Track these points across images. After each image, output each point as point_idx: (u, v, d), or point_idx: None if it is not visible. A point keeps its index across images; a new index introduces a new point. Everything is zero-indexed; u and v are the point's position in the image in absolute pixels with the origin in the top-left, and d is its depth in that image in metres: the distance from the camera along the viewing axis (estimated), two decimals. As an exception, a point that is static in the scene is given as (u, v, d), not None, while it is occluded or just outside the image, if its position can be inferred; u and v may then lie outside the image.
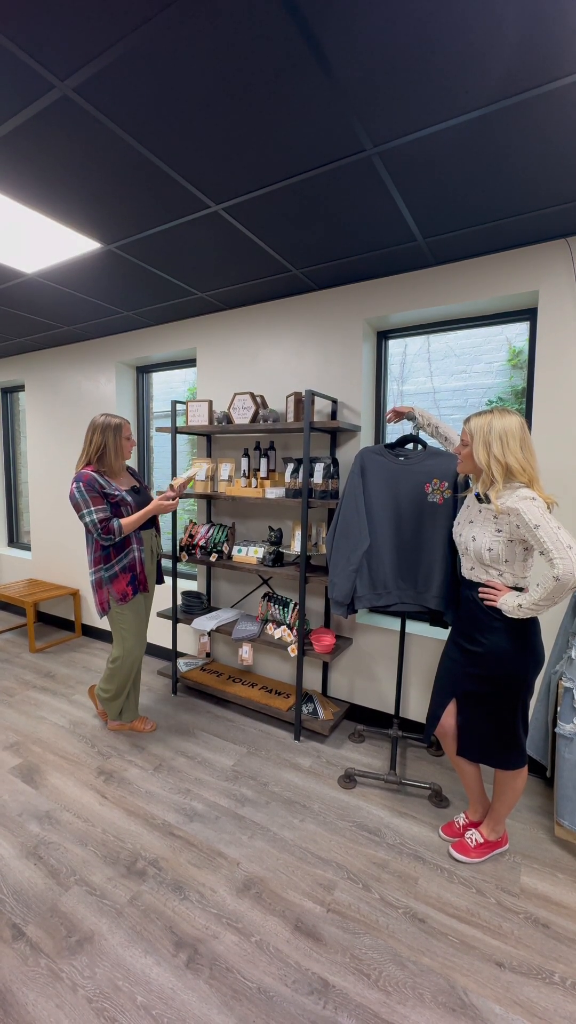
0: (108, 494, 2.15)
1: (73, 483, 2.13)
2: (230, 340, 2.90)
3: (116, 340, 3.44)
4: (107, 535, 2.12)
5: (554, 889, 1.60)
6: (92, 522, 2.10)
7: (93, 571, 2.24)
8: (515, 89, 1.20)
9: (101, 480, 2.14)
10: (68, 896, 1.55)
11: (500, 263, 2.09)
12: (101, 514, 2.11)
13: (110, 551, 2.21)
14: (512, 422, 1.47)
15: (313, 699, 2.60)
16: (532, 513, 1.37)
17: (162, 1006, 1.25)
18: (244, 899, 1.55)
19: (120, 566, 2.22)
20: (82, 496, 2.09)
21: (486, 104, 1.25)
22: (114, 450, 2.19)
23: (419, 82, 1.18)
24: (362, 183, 1.60)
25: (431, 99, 1.24)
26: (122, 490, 2.21)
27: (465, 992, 1.29)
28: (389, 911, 1.52)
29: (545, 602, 1.38)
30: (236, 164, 1.52)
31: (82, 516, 2.11)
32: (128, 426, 2.24)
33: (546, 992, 1.29)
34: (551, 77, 1.17)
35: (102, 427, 2.17)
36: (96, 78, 1.19)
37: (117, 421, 2.20)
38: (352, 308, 2.46)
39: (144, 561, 2.30)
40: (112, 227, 1.92)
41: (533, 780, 2.13)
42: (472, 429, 1.53)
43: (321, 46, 1.09)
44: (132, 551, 2.25)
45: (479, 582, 1.58)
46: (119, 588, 2.23)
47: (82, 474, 2.12)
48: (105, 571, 2.22)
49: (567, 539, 1.33)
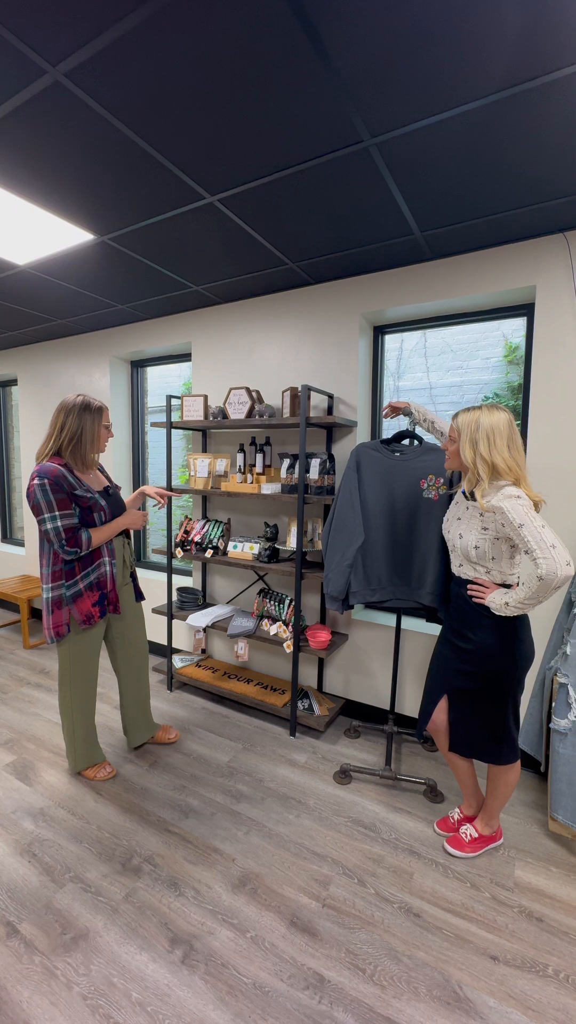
0: (78, 496, 1.77)
1: (34, 478, 1.71)
2: (226, 334, 2.87)
3: (110, 334, 3.41)
4: (72, 548, 1.76)
5: (548, 883, 1.61)
6: (55, 530, 1.72)
7: (51, 587, 1.82)
8: (514, 80, 1.19)
9: (71, 478, 1.77)
10: (63, 893, 1.54)
11: (497, 257, 2.08)
12: (67, 521, 1.74)
13: (74, 564, 1.83)
14: (500, 419, 1.46)
15: (309, 695, 2.60)
16: (516, 512, 1.37)
17: (157, 1002, 1.25)
18: (240, 895, 1.55)
19: (86, 583, 1.85)
20: (45, 496, 1.70)
21: (484, 95, 1.24)
22: (91, 438, 1.82)
23: (417, 72, 1.17)
24: (359, 175, 1.58)
25: (429, 89, 1.22)
26: (95, 491, 1.85)
27: (460, 986, 1.30)
28: (384, 906, 1.52)
29: (531, 601, 1.38)
30: (232, 154, 1.49)
31: (42, 521, 1.72)
32: (108, 413, 1.90)
33: (540, 985, 1.30)
34: (550, 68, 1.15)
35: (79, 408, 1.79)
36: (88, 64, 1.16)
37: (97, 403, 1.84)
38: (348, 302, 2.45)
39: (116, 577, 1.94)
40: (106, 218, 1.89)
41: (527, 775, 2.14)
42: (459, 426, 1.52)
43: (319, 33, 1.07)
44: (102, 564, 1.88)
45: (468, 579, 1.58)
46: (83, 608, 1.84)
47: (47, 468, 1.72)
48: (67, 588, 1.82)
49: (551, 538, 1.33)
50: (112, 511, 1.92)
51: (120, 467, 3.59)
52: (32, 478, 1.73)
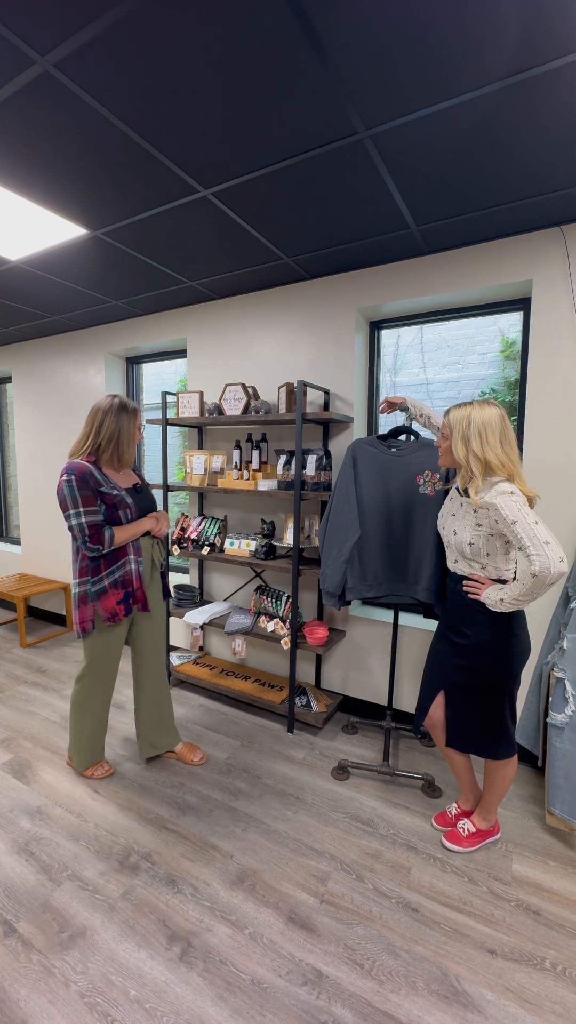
0: (104, 493, 1.78)
1: (63, 475, 1.74)
2: (221, 330, 2.85)
3: (105, 330, 3.38)
4: (94, 544, 1.75)
5: (545, 876, 1.62)
6: (79, 526, 1.73)
7: (77, 583, 1.85)
8: (510, 70, 1.17)
9: (99, 475, 1.78)
10: (60, 892, 1.54)
11: (494, 252, 2.07)
12: (91, 518, 1.74)
13: (100, 561, 1.84)
14: (491, 415, 1.45)
15: (306, 692, 2.60)
16: (509, 508, 1.36)
17: (155, 999, 1.24)
18: (238, 891, 1.55)
19: (111, 580, 1.85)
20: (71, 493, 1.72)
21: (480, 86, 1.22)
22: (127, 438, 1.84)
23: (412, 63, 1.15)
24: (355, 167, 1.57)
25: (424, 80, 1.21)
26: (122, 489, 1.85)
27: (458, 979, 1.30)
28: (382, 901, 1.53)
29: (525, 597, 1.37)
30: (225, 147, 1.48)
31: (68, 517, 1.74)
32: (141, 415, 1.93)
33: (537, 978, 1.31)
34: (547, 58, 1.14)
35: (117, 409, 1.82)
36: (78, 54, 1.14)
37: (132, 405, 1.87)
38: (345, 297, 2.43)
39: (143, 575, 1.93)
40: (98, 212, 1.87)
41: (525, 769, 2.15)
42: (451, 422, 1.50)
43: (312, 24, 1.05)
44: (128, 562, 1.88)
45: (464, 575, 1.58)
46: (107, 606, 1.85)
47: (76, 465, 1.75)
48: (92, 584, 1.83)
49: (544, 535, 1.32)
50: (140, 509, 1.92)
51: (116, 464, 3.57)
52: (61, 475, 1.76)
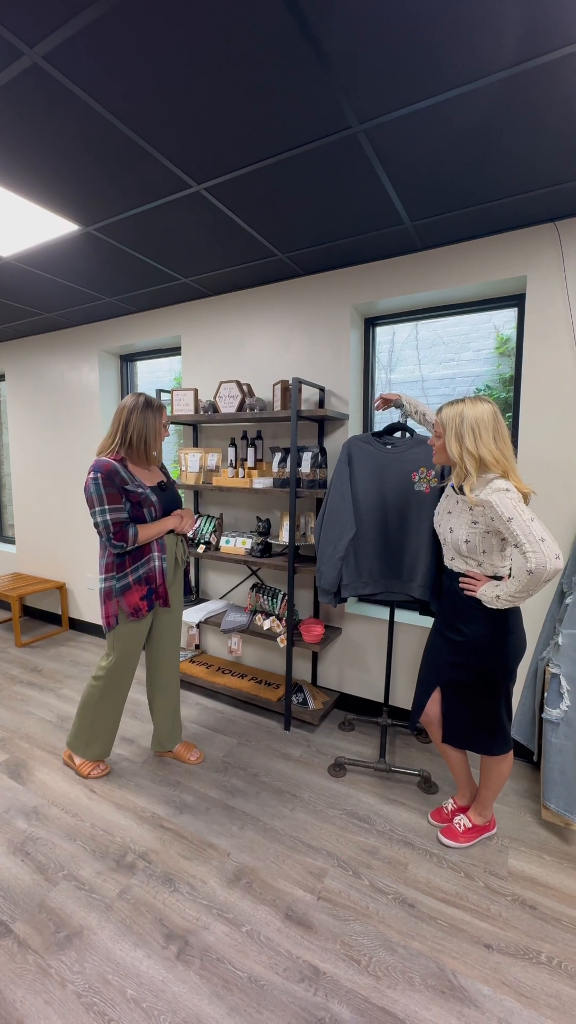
0: (129, 491, 1.79)
1: (90, 472, 1.75)
2: (215, 327, 2.84)
3: (99, 327, 3.36)
4: (119, 541, 1.77)
5: (541, 871, 1.63)
6: (104, 523, 1.75)
7: (103, 578, 1.89)
8: (503, 64, 1.17)
9: (124, 473, 1.79)
10: (56, 891, 1.53)
11: (488, 248, 2.06)
12: (115, 515, 1.75)
13: (125, 558, 1.86)
14: (484, 411, 1.44)
15: (303, 689, 2.60)
16: (505, 505, 1.36)
17: (152, 998, 1.24)
18: (235, 889, 1.55)
19: (135, 576, 1.87)
20: (97, 491, 1.74)
21: (474, 80, 1.21)
22: (154, 435, 1.85)
23: (405, 57, 1.14)
24: (348, 162, 1.56)
25: (417, 75, 1.20)
26: (147, 487, 1.86)
27: (454, 974, 1.31)
28: (379, 897, 1.53)
29: (521, 594, 1.37)
30: (218, 141, 1.46)
31: (93, 514, 1.76)
32: (165, 412, 1.91)
33: (533, 972, 1.31)
34: (540, 52, 1.13)
35: (142, 407, 1.81)
36: (67, 45, 1.13)
37: (158, 403, 1.86)
38: (339, 294, 2.42)
39: (166, 572, 1.95)
40: (90, 208, 1.85)
41: (520, 764, 2.16)
42: (444, 420, 1.50)
43: (305, 15, 1.04)
44: (152, 559, 1.90)
45: (460, 572, 1.58)
46: (131, 601, 1.87)
47: (102, 463, 1.76)
48: (117, 580, 1.86)
49: (540, 531, 1.32)
50: (165, 506, 1.93)
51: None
52: (88, 472, 1.78)
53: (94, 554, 3.62)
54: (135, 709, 2.63)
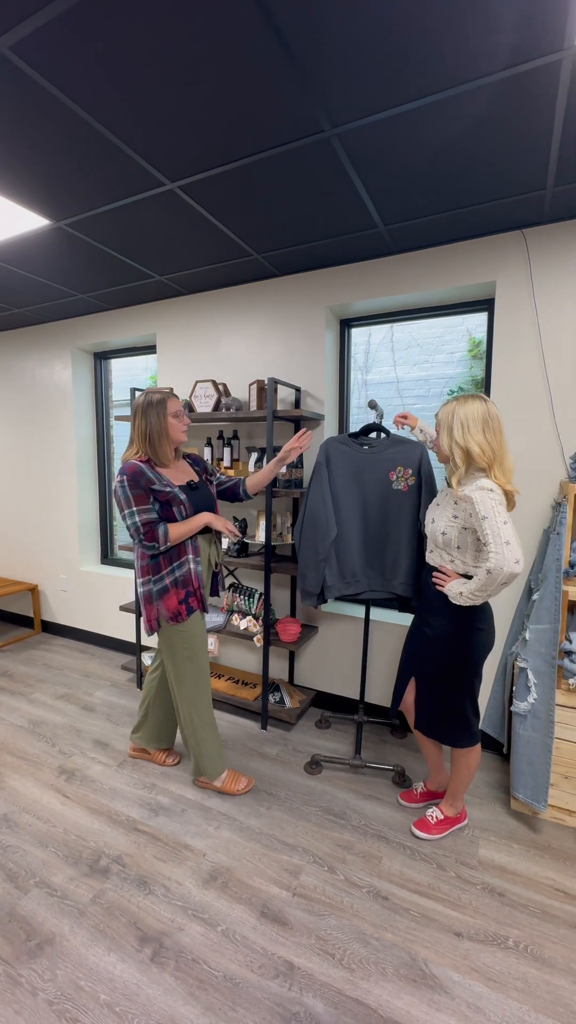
0: (157, 491, 1.76)
1: (118, 476, 1.76)
2: (191, 326, 2.82)
3: (72, 324, 3.30)
4: (150, 542, 1.74)
5: (510, 859, 1.68)
6: (134, 525, 1.74)
7: (141, 581, 1.85)
8: (474, 74, 1.20)
9: (150, 473, 1.76)
10: (27, 899, 1.50)
11: (459, 253, 2.11)
12: (144, 516, 1.73)
13: (160, 560, 1.82)
14: (474, 406, 1.49)
15: (280, 688, 2.61)
16: (484, 504, 1.40)
17: (126, 1002, 1.23)
18: (210, 889, 1.55)
19: (172, 579, 1.82)
20: (125, 493, 1.73)
21: (444, 89, 1.24)
22: (159, 434, 1.78)
23: (375, 63, 1.16)
24: (322, 166, 1.57)
25: (389, 82, 1.22)
26: (174, 485, 1.81)
27: (426, 963, 1.34)
28: (353, 891, 1.55)
29: (480, 593, 1.42)
30: (191, 140, 1.46)
31: (124, 517, 1.76)
32: (175, 401, 1.81)
33: (501, 956, 1.35)
34: (511, 63, 1.16)
35: (143, 407, 1.78)
36: (34, 37, 1.11)
37: (158, 396, 1.79)
38: (315, 295, 2.44)
39: (201, 576, 1.89)
40: (61, 203, 1.82)
41: (491, 757, 2.22)
42: (439, 417, 1.56)
43: (274, 16, 1.05)
44: (187, 561, 1.83)
45: (435, 566, 1.62)
46: (170, 605, 1.82)
47: (128, 465, 1.76)
48: (154, 583, 1.82)
49: (507, 535, 1.37)
50: (195, 505, 1.85)
51: (85, 463, 3.49)
52: (117, 477, 1.77)
53: (67, 555, 3.55)
54: (109, 711, 2.59)
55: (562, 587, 1.76)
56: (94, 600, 3.47)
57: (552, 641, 1.76)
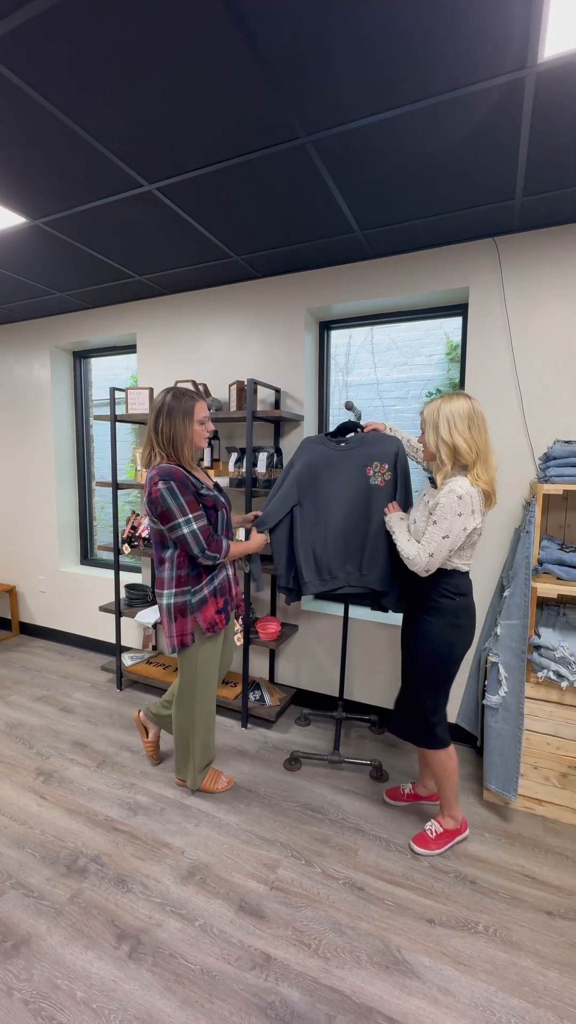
0: (203, 496, 1.64)
1: (157, 481, 1.56)
2: (171, 326, 2.82)
3: (50, 322, 3.26)
4: (212, 552, 1.63)
5: (482, 848, 1.73)
6: (192, 534, 1.58)
7: (174, 593, 1.68)
8: (446, 86, 1.24)
9: (193, 478, 1.64)
10: (3, 901, 1.50)
11: (434, 259, 2.16)
12: (201, 523, 1.61)
13: (201, 570, 1.71)
14: (459, 403, 1.51)
15: (260, 686, 2.63)
16: (446, 507, 1.45)
17: (103, 998, 1.24)
18: (188, 886, 1.56)
19: (211, 588, 1.72)
20: (175, 499, 1.56)
21: (417, 99, 1.28)
22: (183, 439, 1.64)
23: (349, 74, 1.19)
24: (299, 171, 1.60)
25: (361, 91, 1.25)
26: (212, 489, 1.73)
27: (399, 950, 1.37)
28: (330, 883, 1.58)
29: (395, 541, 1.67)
30: (167, 142, 1.47)
31: (176, 527, 1.58)
32: (202, 406, 1.67)
33: (471, 941, 1.40)
34: (482, 76, 1.20)
35: (167, 408, 1.62)
36: (10, 37, 1.11)
37: (188, 402, 1.64)
38: (294, 297, 2.47)
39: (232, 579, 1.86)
40: (37, 201, 1.81)
41: (465, 750, 2.27)
42: (425, 415, 1.58)
43: (248, 24, 1.07)
44: (224, 567, 1.79)
45: None
46: (207, 616, 1.72)
47: (168, 469, 1.58)
48: (192, 594, 1.69)
49: (438, 547, 1.47)
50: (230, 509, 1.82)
51: (64, 462, 3.46)
52: (154, 482, 1.57)
53: (46, 556, 3.51)
54: (88, 713, 2.58)
55: (531, 584, 1.81)
56: (73, 601, 3.44)
57: (522, 636, 1.82)
